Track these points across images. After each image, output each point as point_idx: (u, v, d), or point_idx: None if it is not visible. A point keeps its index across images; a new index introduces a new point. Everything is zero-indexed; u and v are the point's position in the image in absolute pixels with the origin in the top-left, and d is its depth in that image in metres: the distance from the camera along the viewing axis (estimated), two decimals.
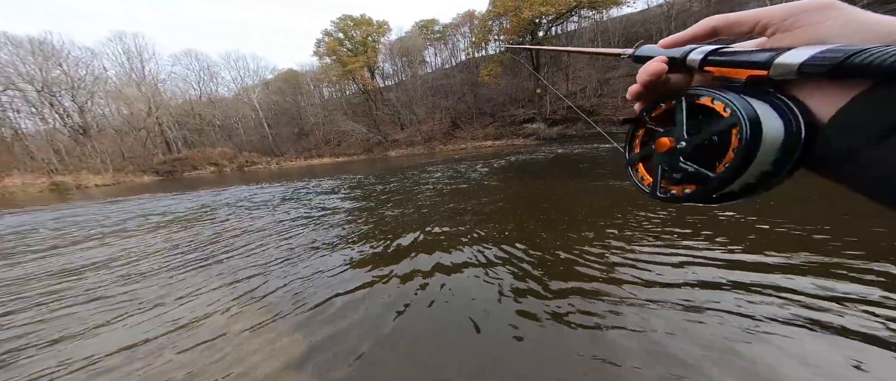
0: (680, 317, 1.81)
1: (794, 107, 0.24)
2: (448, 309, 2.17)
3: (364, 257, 3.31)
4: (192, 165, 33.48)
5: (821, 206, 3.28)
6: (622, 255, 2.68)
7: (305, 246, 3.85)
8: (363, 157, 31.86)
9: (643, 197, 3.98)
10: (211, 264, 3.51)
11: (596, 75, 27.50)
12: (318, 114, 40.24)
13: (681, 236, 2.92)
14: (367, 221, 4.87)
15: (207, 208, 7.83)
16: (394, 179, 9.88)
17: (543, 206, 4.68)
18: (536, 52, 27.27)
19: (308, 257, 3.44)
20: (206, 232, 5.16)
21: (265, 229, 4.91)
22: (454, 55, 40.42)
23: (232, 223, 5.64)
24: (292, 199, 7.90)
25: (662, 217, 3.49)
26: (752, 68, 0.25)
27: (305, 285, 2.75)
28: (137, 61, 37.43)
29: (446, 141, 30.47)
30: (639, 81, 0.31)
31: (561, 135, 25.49)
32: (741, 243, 2.63)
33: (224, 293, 2.73)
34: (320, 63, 37.82)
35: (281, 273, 3.05)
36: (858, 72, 0.20)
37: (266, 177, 18.51)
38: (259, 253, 3.77)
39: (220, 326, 2.21)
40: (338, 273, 2.94)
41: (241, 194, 10.07)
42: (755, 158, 0.24)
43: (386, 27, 35.28)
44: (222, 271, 3.24)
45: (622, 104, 24.95)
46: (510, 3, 25.10)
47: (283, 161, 35.53)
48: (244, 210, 6.96)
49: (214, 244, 4.36)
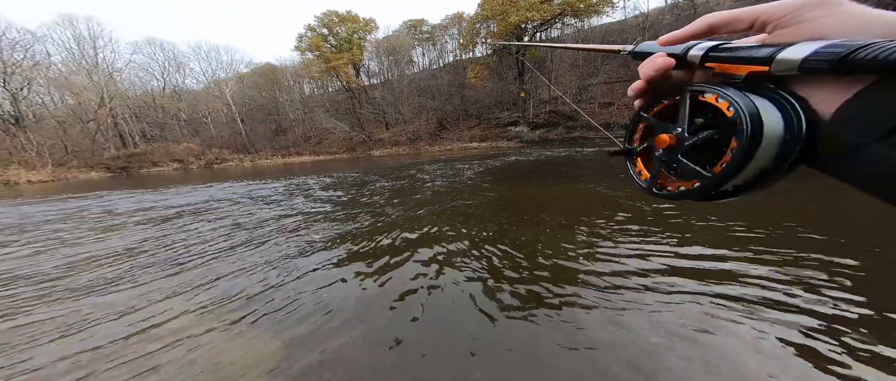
0: (648, 308, 1.96)
1: (796, 103, 0.24)
2: (437, 314, 2.11)
3: (351, 258, 3.15)
4: (152, 161, 30.83)
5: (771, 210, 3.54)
6: (600, 252, 2.82)
7: (284, 252, 3.54)
8: (345, 156, 30.97)
9: (622, 196, 4.49)
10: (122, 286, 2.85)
11: (576, 81, 28.69)
12: (298, 110, 38.65)
13: (651, 233, 3.16)
14: (356, 220, 4.69)
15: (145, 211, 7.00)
16: (380, 179, 9.70)
17: (529, 207, 4.74)
18: (522, 56, 28.09)
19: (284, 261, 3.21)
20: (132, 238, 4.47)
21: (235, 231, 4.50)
22: (442, 56, 40.57)
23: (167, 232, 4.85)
24: (267, 199, 7.43)
25: (634, 217, 3.72)
26: (754, 64, 0.25)
27: (281, 291, 2.57)
28: (90, 48, 33.97)
29: (432, 142, 30.37)
30: (643, 77, 0.31)
31: (542, 138, 26.31)
32: (703, 241, 2.88)
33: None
34: (302, 58, 36.43)
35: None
36: (861, 67, 0.20)
37: (238, 175, 17.51)
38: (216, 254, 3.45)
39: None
40: (314, 274, 2.80)
41: (200, 195, 9.11)
42: (755, 157, 0.24)
43: (373, 25, 34.69)
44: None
45: (599, 110, 26.25)
46: (498, 7, 25.59)
47: (257, 159, 33.65)
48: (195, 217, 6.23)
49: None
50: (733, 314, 1.81)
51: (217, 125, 40.69)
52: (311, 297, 2.39)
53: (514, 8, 25.05)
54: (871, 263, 2.26)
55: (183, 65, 42.23)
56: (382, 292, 2.41)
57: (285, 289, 2.56)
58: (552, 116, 27.90)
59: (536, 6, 24.92)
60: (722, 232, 3.03)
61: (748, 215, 3.37)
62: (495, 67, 31.14)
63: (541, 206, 4.77)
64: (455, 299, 2.21)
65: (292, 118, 38.46)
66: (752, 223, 3.13)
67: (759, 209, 3.53)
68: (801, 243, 2.65)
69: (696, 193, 0.28)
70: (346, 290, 2.47)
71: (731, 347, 1.57)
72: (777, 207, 3.62)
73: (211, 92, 40.66)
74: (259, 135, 38.82)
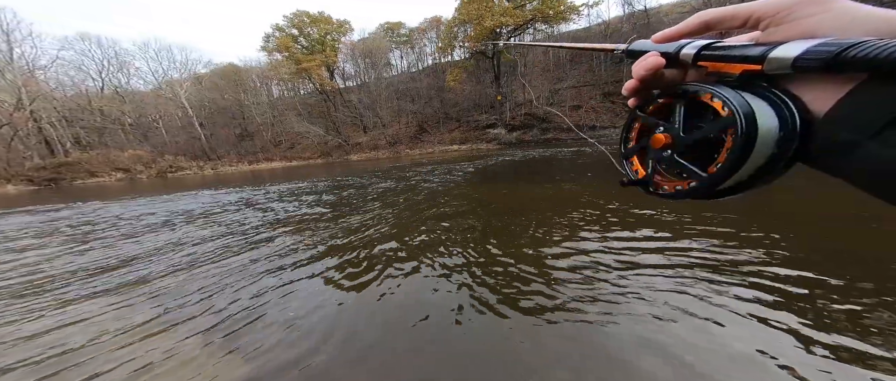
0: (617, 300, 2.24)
1: (790, 102, 0.24)
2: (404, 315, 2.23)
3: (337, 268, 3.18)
4: (89, 171, 27.29)
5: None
6: (579, 249, 3.10)
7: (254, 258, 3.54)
8: (320, 161, 29.78)
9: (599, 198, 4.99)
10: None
11: (548, 85, 30.21)
12: (266, 114, 36.36)
13: (623, 227, 3.52)
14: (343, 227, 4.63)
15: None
16: (360, 183, 9.67)
17: (513, 209, 4.93)
18: (498, 61, 29.01)
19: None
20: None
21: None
22: (421, 59, 40.48)
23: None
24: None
25: (608, 215, 4.10)
26: (746, 63, 0.25)
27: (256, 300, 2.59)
28: (3, 42, 29.13)
29: (413, 145, 30.21)
30: (635, 76, 0.31)
31: (519, 139, 27.34)
32: (670, 234, 3.20)
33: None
34: (269, 59, 34.35)
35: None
36: (853, 65, 0.20)
37: (196, 184, 16.33)
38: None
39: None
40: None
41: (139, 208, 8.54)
42: (750, 156, 0.24)
43: (347, 27, 33.77)
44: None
45: (570, 113, 27.88)
46: (474, 12, 26.26)
47: (220, 166, 31.10)
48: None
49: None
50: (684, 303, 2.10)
51: (171, 130, 36.90)
52: (280, 315, 2.35)
53: (489, 13, 25.87)
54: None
55: (127, 63, 37.85)
56: (365, 306, 2.41)
57: (243, 307, 2.49)
58: (527, 119, 29.09)
59: (510, 12, 26.00)
60: (672, 225, 3.43)
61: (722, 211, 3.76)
62: (473, 70, 31.79)
63: (524, 207, 4.93)
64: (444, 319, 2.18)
65: (260, 122, 36.08)
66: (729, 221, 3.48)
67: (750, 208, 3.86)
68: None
69: (691, 193, 0.28)
70: (327, 308, 2.43)
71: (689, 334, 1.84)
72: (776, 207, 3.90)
73: (162, 93, 36.77)
74: (221, 140, 35.90)
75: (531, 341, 1.87)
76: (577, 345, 1.81)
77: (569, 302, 2.20)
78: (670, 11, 30.66)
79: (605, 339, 1.83)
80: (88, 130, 33.71)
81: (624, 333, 1.85)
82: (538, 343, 1.85)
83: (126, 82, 38.20)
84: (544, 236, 3.51)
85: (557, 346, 1.81)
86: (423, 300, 2.40)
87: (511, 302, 2.27)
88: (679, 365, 1.59)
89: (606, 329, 1.90)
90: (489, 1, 26.70)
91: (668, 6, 31.78)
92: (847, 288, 2.06)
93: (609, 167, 8.52)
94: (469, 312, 2.20)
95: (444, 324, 2.09)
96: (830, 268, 2.31)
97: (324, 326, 2.17)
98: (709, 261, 2.58)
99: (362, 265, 3.14)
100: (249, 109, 36.62)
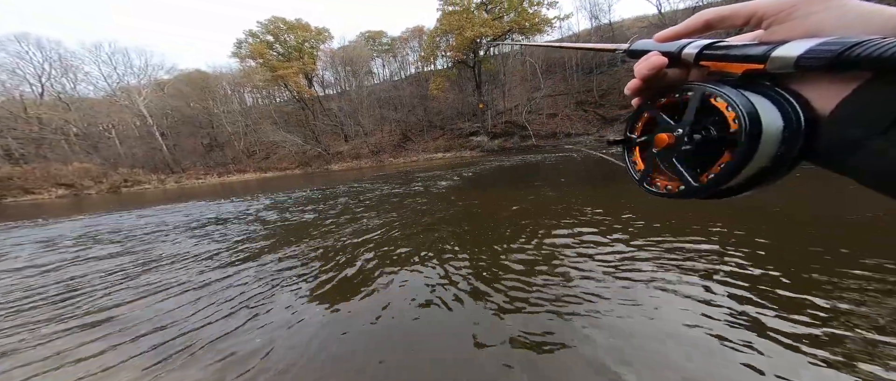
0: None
1: (794, 101, 0.24)
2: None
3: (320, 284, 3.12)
4: (23, 187, 24.17)
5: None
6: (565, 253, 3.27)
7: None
8: (298, 171, 28.70)
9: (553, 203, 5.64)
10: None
11: (526, 94, 31.55)
12: (238, 122, 34.40)
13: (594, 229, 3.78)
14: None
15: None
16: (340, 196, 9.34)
17: (503, 216, 5.05)
18: (479, 69, 29.89)
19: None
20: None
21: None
22: (404, 68, 40.28)
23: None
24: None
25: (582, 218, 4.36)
26: (749, 62, 0.25)
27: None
28: None
29: (397, 154, 29.99)
30: (637, 76, 0.31)
31: (501, 147, 28.18)
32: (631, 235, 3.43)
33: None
34: (242, 66, 32.72)
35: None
36: (857, 64, 0.20)
37: (156, 199, 15.15)
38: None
39: None
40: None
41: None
42: (755, 156, 0.24)
43: (327, 34, 33.05)
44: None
45: (546, 120, 29.26)
46: (455, 23, 27.01)
47: (186, 179, 28.80)
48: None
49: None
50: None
51: (127, 140, 33.76)
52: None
53: (469, 24, 26.79)
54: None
55: (73, 67, 34.20)
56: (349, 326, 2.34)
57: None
58: (508, 127, 30.06)
59: (489, 23, 27.11)
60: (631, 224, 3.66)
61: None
62: (456, 79, 32.42)
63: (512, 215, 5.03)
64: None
65: (231, 131, 34.05)
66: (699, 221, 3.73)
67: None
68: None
69: (680, 195, 0.28)
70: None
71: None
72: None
73: (116, 101, 33.59)
74: (187, 151, 33.46)
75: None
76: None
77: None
78: (632, 25, 33.56)
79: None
80: (23, 142, 29.78)
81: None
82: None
83: (72, 88, 34.46)
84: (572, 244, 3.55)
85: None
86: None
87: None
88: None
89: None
90: (469, 12, 27.68)
91: (630, 21, 34.81)
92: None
93: (590, 171, 9.03)
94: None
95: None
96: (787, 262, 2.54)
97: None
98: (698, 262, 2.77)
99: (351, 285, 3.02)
100: (219, 118, 34.48)
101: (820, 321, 1.87)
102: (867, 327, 1.77)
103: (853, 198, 3.89)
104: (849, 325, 1.80)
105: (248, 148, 34.33)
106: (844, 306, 1.95)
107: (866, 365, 1.53)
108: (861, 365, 1.53)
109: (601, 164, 10.05)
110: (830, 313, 1.91)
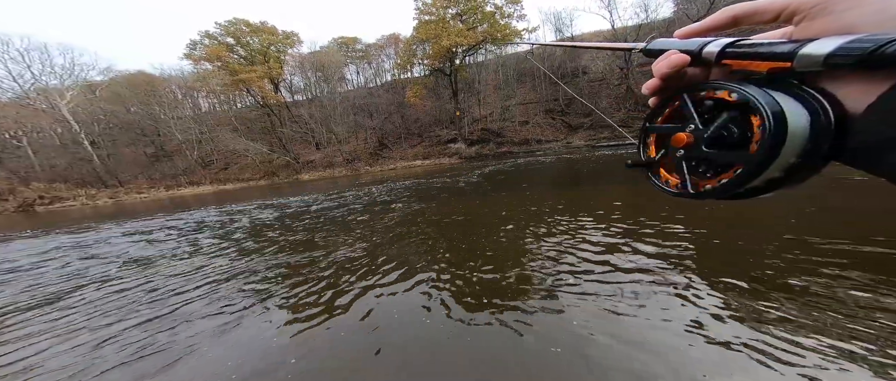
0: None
1: (823, 99, 0.23)
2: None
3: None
4: None
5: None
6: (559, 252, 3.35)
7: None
8: (263, 182, 26.49)
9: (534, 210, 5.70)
10: None
11: (500, 102, 32.58)
12: (191, 130, 30.95)
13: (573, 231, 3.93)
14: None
15: None
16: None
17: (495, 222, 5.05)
18: (455, 77, 30.29)
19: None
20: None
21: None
22: (379, 75, 39.19)
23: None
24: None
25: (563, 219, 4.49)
26: (774, 60, 0.24)
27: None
28: None
29: (373, 161, 29.09)
30: (657, 75, 0.30)
31: (478, 153, 28.70)
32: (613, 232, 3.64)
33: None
34: (195, 69, 29.67)
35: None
36: (892, 62, 0.19)
37: (84, 218, 12.91)
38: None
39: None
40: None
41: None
42: (780, 155, 0.23)
43: (295, 39, 31.23)
44: None
45: (518, 128, 30.44)
46: (431, 32, 27.21)
47: (124, 193, 25.07)
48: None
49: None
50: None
51: (44, 150, 28.64)
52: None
53: (445, 33, 27.19)
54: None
55: None
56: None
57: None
58: (484, 133, 30.72)
59: (464, 33, 27.78)
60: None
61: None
62: (433, 87, 32.50)
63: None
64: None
65: (182, 139, 30.48)
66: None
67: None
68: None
69: (733, 183, 0.26)
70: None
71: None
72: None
73: (31, 105, 28.47)
74: (126, 162, 29.27)
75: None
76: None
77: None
78: (591, 39, 36.47)
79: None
80: None
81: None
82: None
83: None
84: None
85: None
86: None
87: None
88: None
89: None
90: (445, 22, 28.10)
91: (589, 34, 37.81)
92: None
93: (558, 174, 9.04)
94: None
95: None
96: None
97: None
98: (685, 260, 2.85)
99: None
100: (167, 125, 30.75)
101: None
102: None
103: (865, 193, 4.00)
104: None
105: (204, 158, 31.00)
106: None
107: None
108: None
109: (598, 165, 10.20)
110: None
